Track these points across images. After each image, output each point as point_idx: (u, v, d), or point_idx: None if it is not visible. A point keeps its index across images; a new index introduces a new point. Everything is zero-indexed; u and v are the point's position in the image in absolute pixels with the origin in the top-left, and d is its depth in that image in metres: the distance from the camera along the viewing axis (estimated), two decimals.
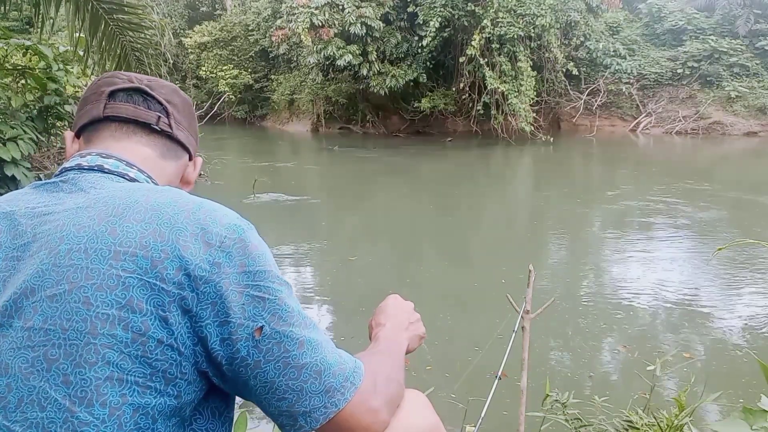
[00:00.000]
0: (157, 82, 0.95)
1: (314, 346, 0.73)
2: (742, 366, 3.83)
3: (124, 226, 0.71)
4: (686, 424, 2.06)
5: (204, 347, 0.70)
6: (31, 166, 5.82)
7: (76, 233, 0.71)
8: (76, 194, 0.78)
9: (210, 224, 0.74)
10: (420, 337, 1.11)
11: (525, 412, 2.21)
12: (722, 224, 7.78)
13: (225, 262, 0.71)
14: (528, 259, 3.57)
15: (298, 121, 21.80)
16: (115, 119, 0.90)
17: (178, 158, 0.96)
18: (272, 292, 0.73)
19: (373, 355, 0.89)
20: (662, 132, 18.47)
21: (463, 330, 4.40)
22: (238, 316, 0.70)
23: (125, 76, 0.94)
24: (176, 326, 0.69)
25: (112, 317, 0.67)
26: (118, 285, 0.68)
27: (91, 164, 0.83)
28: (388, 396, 0.82)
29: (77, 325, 0.67)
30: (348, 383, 0.74)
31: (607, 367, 3.90)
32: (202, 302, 0.70)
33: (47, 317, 0.67)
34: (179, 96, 0.97)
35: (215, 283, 0.70)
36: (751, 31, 18.57)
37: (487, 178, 12.65)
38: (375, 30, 16.79)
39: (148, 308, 0.68)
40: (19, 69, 6.01)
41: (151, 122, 0.90)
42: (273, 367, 0.71)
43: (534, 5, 15.50)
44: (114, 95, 0.91)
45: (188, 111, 0.98)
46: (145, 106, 0.91)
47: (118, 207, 0.73)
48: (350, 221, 8.61)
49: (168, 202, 0.75)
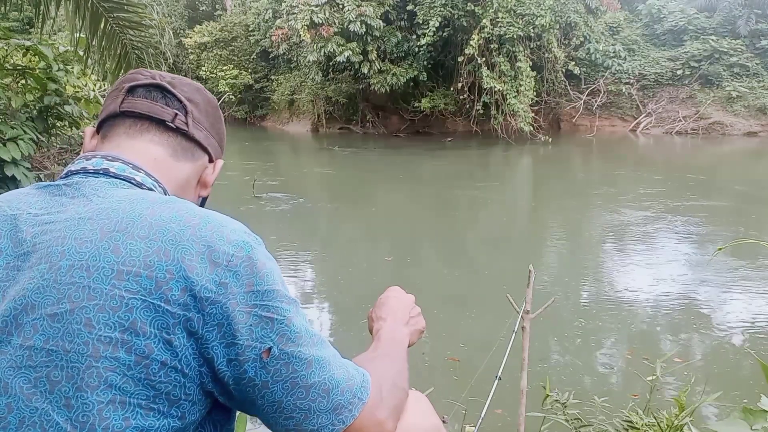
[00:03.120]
0: (180, 80, 0.92)
1: (322, 365, 0.72)
2: (742, 366, 3.83)
3: (127, 243, 0.68)
4: (686, 424, 2.06)
5: (210, 368, 0.69)
6: (31, 166, 5.82)
7: (78, 248, 0.69)
8: (78, 201, 0.75)
9: (216, 242, 0.71)
10: (420, 331, 1.11)
11: (525, 412, 2.21)
12: (722, 224, 7.78)
13: (232, 282, 0.69)
14: (528, 259, 3.57)
15: (298, 121, 21.80)
16: (131, 115, 0.87)
17: (195, 159, 0.91)
18: (280, 312, 0.71)
19: (377, 361, 0.88)
20: (662, 132, 18.47)
21: (463, 330, 4.40)
22: (245, 337, 0.69)
23: (149, 73, 0.91)
24: (181, 348, 0.67)
25: (115, 340, 0.65)
26: (120, 306, 0.66)
27: (96, 168, 0.80)
28: (394, 405, 0.82)
29: (79, 347, 0.65)
30: (356, 399, 0.74)
31: (607, 367, 3.90)
32: (208, 324, 0.68)
33: (49, 337, 0.66)
34: (202, 95, 0.93)
35: (222, 304, 0.68)
36: (752, 31, 18.58)
37: (487, 178, 12.65)
38: (375, 29, 16.79)
39: (152, 330, 0.66)
40: (19, 69, 6.01)
41: (166, 119, 0.87)
42: (281, 387, 0.70)
43: (534, 5, 15.50)
44: (133, 91, 0.88)
45: (211, 111, 0.94)
46: (163, 102, 0.88)
47: (121, 221, 0.71)
48: (350, 221, 8.60)
49: (173, 217, 0.72)
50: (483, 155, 15.45)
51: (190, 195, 0.93)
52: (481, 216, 8.82)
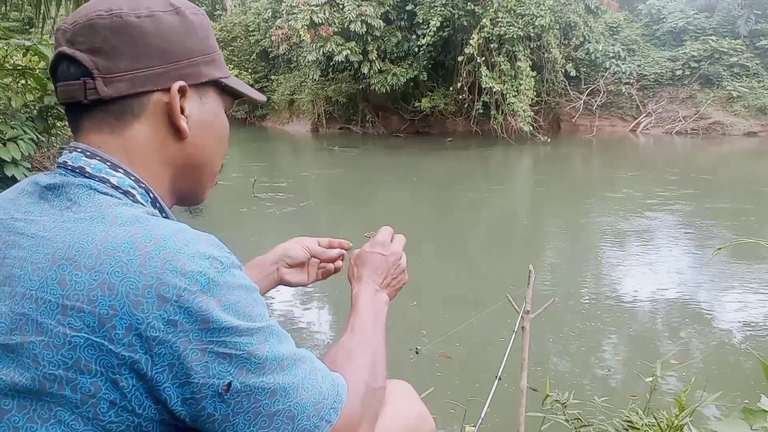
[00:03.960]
0: (77, 26, 0.72)
1: (288, 391, 0.67)
2: (743, 366, 3.83)
3: (73, 275, 0.63)
4: (686, 424, 2.06)
5: (165, 407, 0.64)
6: (31, 166, 5.81)
7: (30, 275, 0.64)
8: (53, 212, 0.69)
9: (167, 273, 0.62)
10: (400, 288, 1.09)
11: (525, 412, 2.21)
12: (722, 224, 7.77)
13: (183, 320, 0.62)
14: (528, 259, 3.57)
15: (298, 121, 21.79)
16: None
17: (137, 114, 0.74)
18: (240, 347, 0.64)
19: (354, 358, 0.84)
20: (662, 132, 18.47)
21: (463, 330, 4.39)
22: (201, 375, 0.63)
23: (61, 32, 0.74)
24: (129, 389, 0.62)
25: (60, 378, 0.61)
26: (64, 344, 0.61)
27: (74, 165, 0.73)
28: (373, 411, 0.80)
29: (27, 382, 0.62)
30: (323, 422, 0.70)
31: (608, 367, 3.90)
32: (157, 365, 0.62)
33: (3, 366, 0.63)
34: (102, 26, 0.71)
35: (171, 344, 0.61)
36: (752, 31, 18.57)
37: (487, 178, 12.64)
38: (375, 29, 16.79)
39: (98, 369, 0.61)
40: (19, 69, 6.00)
41: (80, 99, 0.72)
42: (243, 419, 0.65)
43: (533, 6, 15.50)
44: (55, 72, 0.74)
45: (124, 34, 0.71)
46: (71, 77, 0.72)
47: (72, 247, 0.64)
48: (350, 221, 8.60)
49: (123, 244, 0.64)
50: (483, 155, 15.45)
51: (170, 153, 0.77)
52: (481, 216, 8.82)
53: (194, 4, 0.80)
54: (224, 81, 0.81)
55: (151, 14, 0.73)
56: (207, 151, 0.81)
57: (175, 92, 0.74)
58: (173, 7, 0.75)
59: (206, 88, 0.79)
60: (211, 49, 0.79)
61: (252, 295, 0.68)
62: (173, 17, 0.75)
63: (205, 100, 0.79)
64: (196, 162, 0.80)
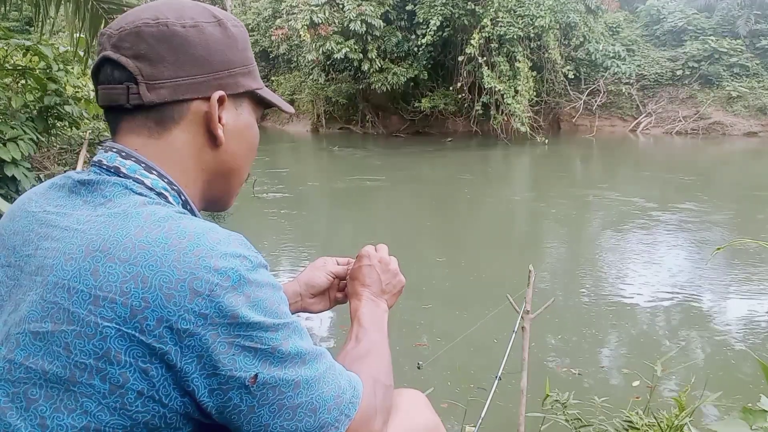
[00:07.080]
0: (123, 32, 0.74)
1: (311, 384, 0.70)
2: (742, 366, 3.83)
3: (107, 266, 0.64)
4: (686, 424, 2.06)
5: (192, 398, 0.65)
6: (31, 166, 5.81)
7: (63, 265, 0.66)
8: (86, 206, 0.71)
9: (201, 269, 0.64)
10: (399, 292, 1.09)
11: (525, 413, 2.21)
12: (722, 224, 7.78)
13: (213, 314, 0.64)
14: (528, 259, 3.57)
15: (299, 121, 21.80)
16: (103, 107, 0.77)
17: (177, 120, 0.76)
18: (266, 342, 0.67)
19: (365, 361, 0.86)
20: (662, 132, 18.48)
21: (463, 330, 4.39)
22: (228, 367, 0.65)
23: (105, 36, 0.76)
24: (158, 379, 0.63)
25: (90, 367, 0.63)
26: (96, 334, 0.63)
27: (109, 164, 0.74)
28: (386, 407, 0.82)
29: (57, 370, 0.63)
30: (343, 416, 0.72)
31: (607, 367, 3.90)
32: (186, 356, 0.63)
33: (30, 354, 0.64)
34: (148, 34, 0.74)
35: (200, 336, 0.63)
36: (752, 31, 18.59)
37: (487, 178, 12.65)
38: (375, 29, 16.80)
39: (127, 359, 0.63)
40: (19, 69, 6.00)
41: (122, 103, 0.74)
42: (268, 410, 0.68)
43: (533, 6, 15.52)
44: (96, 76, 0.77)
45: (168, 47, 0.74)
46: (113, 79, 0.74)
47: (106, 240, 0.66)
48: (350, 221, 8.60)
49: (158, 239, 0.66)
50: (483, 155, 15.45)
51: (205, 159, 0.80)
52: (482, 216, 8.82)
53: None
54: (259, 92, 0.84)
55: (195, 25, 0.76)
56: (239, 159, 0.84)
57: (215, 101, 0.76)
58: (216, 19, 0.78)
59: (242, 99, 0.82)
60: (249, 61, 0.82)
61: (277, 294, 0.70)
62: (216, 29, 0.78)
63: (241, 110, 0.82)
64: (228, 169, 0.83)
